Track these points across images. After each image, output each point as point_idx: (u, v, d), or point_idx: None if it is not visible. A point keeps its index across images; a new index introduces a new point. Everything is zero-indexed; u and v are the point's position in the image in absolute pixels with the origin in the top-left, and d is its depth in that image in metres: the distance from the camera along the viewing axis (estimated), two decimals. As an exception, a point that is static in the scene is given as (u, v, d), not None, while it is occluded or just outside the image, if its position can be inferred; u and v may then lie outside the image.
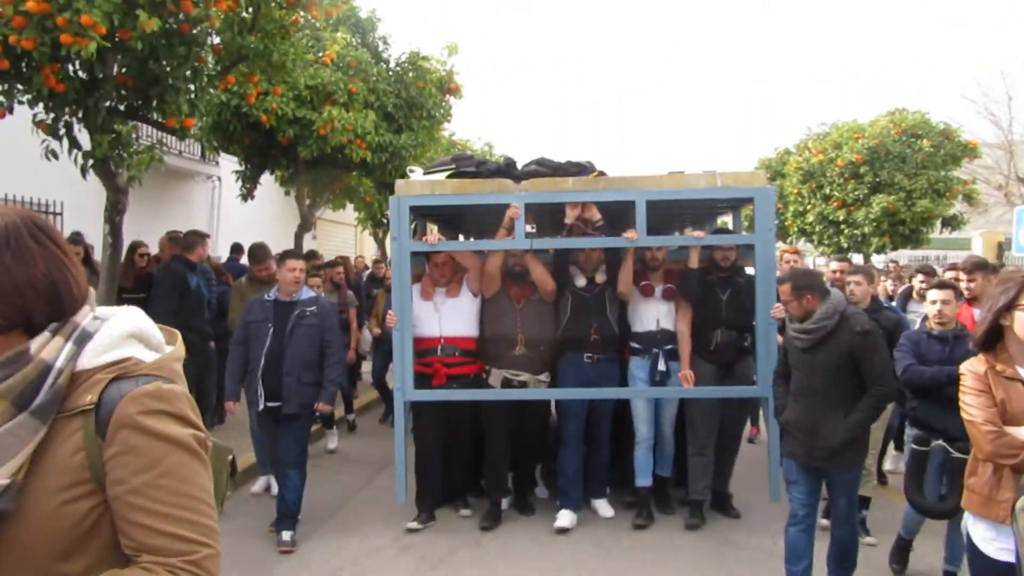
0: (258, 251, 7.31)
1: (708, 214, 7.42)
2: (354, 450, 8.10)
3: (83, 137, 6.26)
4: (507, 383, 5.76)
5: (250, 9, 6.28)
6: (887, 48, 66.21)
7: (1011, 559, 2.75)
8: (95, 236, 7.93)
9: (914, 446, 4.57)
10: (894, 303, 7.17)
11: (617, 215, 6.12)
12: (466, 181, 5.79)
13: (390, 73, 10.74)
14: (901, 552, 4.97)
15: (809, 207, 18.70)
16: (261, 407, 5.45)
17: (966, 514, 2.99)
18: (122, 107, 6.34)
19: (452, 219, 7.51)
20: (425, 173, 6.06)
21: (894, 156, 17.39)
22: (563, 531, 5.63)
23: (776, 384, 4.71)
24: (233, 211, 13.49)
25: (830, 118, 19.46)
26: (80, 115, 6.01)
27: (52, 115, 6.00)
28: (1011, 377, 2.82)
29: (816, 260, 19.20)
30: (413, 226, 5.92)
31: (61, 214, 9.74)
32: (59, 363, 1.24)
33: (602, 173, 5.83)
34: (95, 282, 7.25)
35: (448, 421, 5.93)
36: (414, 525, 5.74)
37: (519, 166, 6.04)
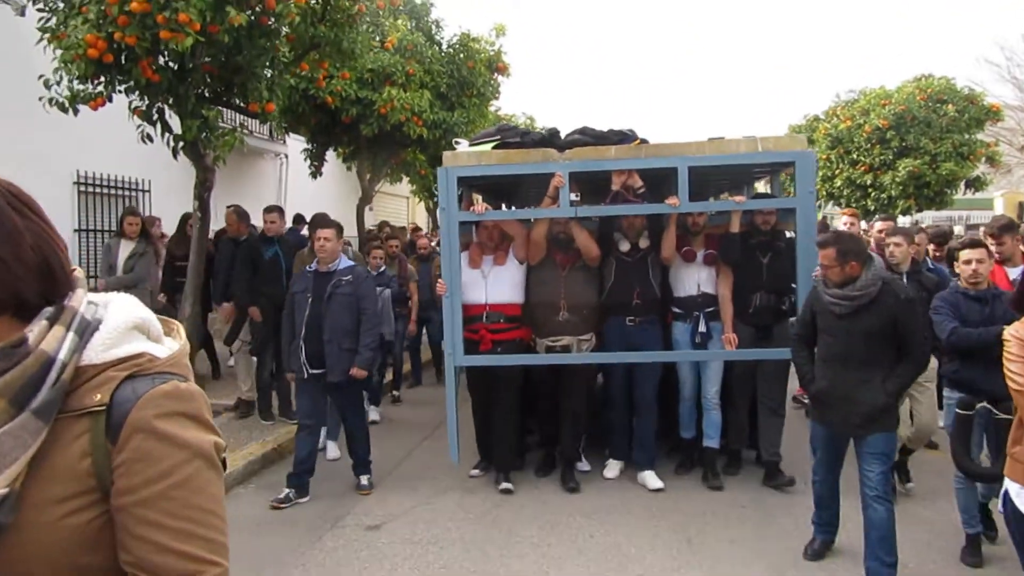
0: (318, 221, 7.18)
1: (745, 179, 7.20)
2: (400, 416, 8.05)
3: (172, 122, 6.53)
4: (550, 350, 5.70)
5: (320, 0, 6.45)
6: (907, 19, 64.17)
7: None
8: (177, 212, 8.22)
9: (958, 411, 4.24)
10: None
11: (656, 181, 5.95)
12: (511, 151, 5.64)
13: (443, 55, 10.86)
14: (974, 547, 4.39)
15: (837, 172, 18.45)
16: (306, 375, 5.42)
17: (1007, 482, 2.71)
18: (207, 94, 6.57)
19: (496, 189, 7.30)
20: (471, 145, 5.98)
21: (920, 121, 17.06)
22: (611, 479, 5.82)
23: (798, 349, 4.39)
24: (299, 186, 13.80)
25: (858, 85, 19.06)
26: (171, 102, 6.25)
27: (147, 102, 6.25)
28: None
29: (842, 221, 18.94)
30: (459, 196, 5.79)
31: (149, 191, 10.11)
32: (62, 356, 1.04)
33: (644, 141, 5.67)
34: (151, 253, 7.46)
35: (495, 390, 5.82)
36: (476, 472, 5.93)
37: (562, 136, 5.89)
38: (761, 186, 7.96)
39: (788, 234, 5.75)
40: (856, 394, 3.97)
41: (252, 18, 5.92)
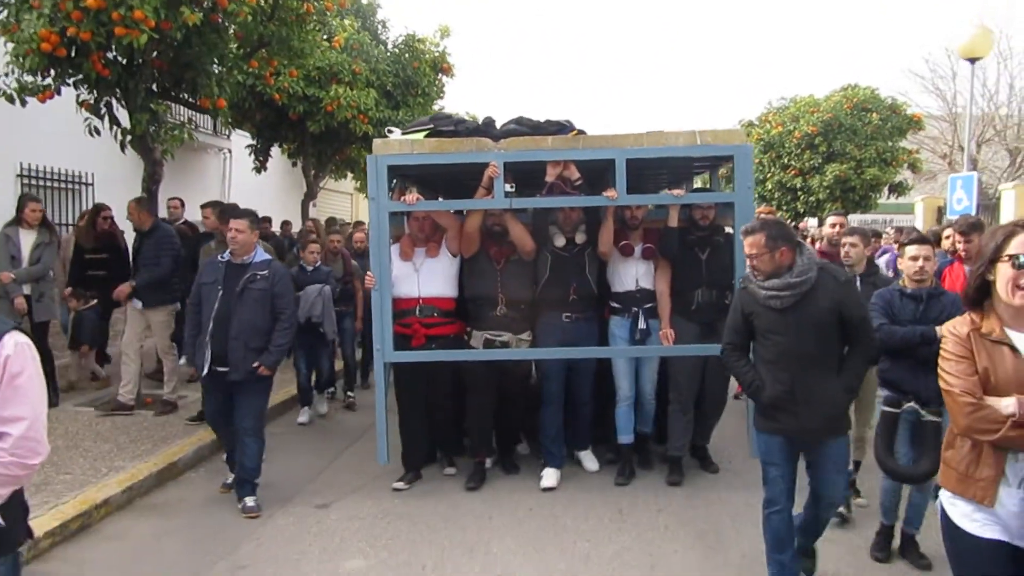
0: (227, 211, 6.43)
1: (684, 174, 7.03)
2: (337, 417, 7.92)
3: (120, 115, 6.64)
4: (489, 343, 5.45)
5: (269, -1, 6.67)
6: (845, 27, 66.41)
7: (997, 535, 2.32)
8: (120, 205, 8.23)
9: (885, 408, 4.19)
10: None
11: (594, 175, 5.71)
12: (445, 140, 5.38)
13: (389, 54, 11.14)
14: (884, 540, 4.34)
15: (768, 175, 19.28)
16: (206, 371, 5.01)
17: (941, 490, 2.53)
18: (156, 89, 6.71)
19: (429, 180, 7.04)
20: (404, 133, 5.74)
21: (846, 128, 18.01)
22: (548, 490, 5.43)
23: (734, 358, 3.85)
24: (243, 181, 13.84)
25: (789, 93, 19.99)
26: (120, 96, 6.38)
27: (95, 96, 6.36)
28: (997, 340, 2.33)
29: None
30: (393, 185, 5.54)
31: (92, 184, 10.09)
32: None
33: (581, 132, 5.50)
34: (56, 243, 7.19)
35: (429, 381, 5.61)
36: (400, 485, 5.50)
37: (498, 126, 5.68)
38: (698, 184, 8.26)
39: (727, 230, 5.71)
40: (815, 395, 3.56)
41: (203, 16, 6.10)
